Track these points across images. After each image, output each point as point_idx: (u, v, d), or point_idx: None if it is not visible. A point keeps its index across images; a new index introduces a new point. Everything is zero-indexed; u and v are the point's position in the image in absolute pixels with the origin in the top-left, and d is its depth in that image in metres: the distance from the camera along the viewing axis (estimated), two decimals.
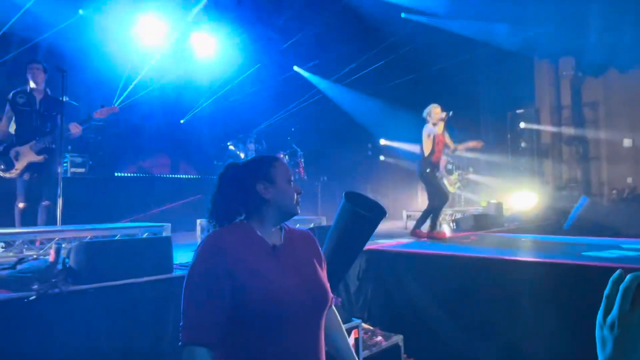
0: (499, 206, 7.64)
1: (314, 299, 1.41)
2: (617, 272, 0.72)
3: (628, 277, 0.70)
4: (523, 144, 10.56)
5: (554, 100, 10.17)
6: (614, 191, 9.38)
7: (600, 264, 3.42)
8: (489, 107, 11.30)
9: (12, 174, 4.43)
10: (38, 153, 4.47)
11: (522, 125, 10.62)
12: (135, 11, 8.64)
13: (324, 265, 1.55)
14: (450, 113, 5.61)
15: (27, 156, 4.46)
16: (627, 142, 9.51)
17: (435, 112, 5.62)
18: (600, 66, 9.32)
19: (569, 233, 6.76)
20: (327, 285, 1.47)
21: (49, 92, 4.72)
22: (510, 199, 9.54)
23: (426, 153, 5.57)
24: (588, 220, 6.96)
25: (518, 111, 10.68)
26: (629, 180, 9.37)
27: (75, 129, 4.63)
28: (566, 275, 3.37)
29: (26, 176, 4.47)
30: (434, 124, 5.58)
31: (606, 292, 0.72)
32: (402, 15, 10.78)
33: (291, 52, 10.78)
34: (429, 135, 5.57)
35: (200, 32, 9.21)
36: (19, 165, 4.43)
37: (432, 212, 5.62)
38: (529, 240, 5.50)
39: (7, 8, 7.96)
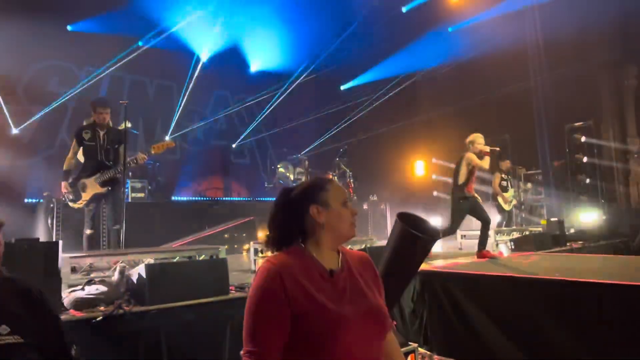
0: (560, 225, 7.24)
1: (373, 324, 1.39)
2: None
3: None
4: (585, 159, 10.03)
5: (617, 111, 9.62)
6: None
7: None
8: (544, 120, 10.85)
9: (80, 204, 4.84)
10: (102, 185, 4.83)
11: (583, 139, 10.09)
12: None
13: (382, 289, 1.52)
14: (498, 149, 5.52)
15: (93, 188, 4.83)
16: None
17: (478, 143, 5.47)
18: None
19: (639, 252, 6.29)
20: (386, 309, 1.44)
21: (110, 123, 5.08)
22: (572, 217, 9.02)
23: (460, 181, 5.43)
24: None
25: (577, 124, 10.19)
26: None
27: (143, 158, 4.98)
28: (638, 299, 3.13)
29: (92, 206, 4.86)
30: (478, 156, 5.41)
31: None
32: (450, 29, 10.72)
33: (339, 71, 10.95)
34: (468, 165, 5.42)
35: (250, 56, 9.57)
36: (85, 196, 4.82)
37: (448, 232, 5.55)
38: (596, 260, 5.16)
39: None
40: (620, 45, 8.70)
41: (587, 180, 9.89)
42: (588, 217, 8.80)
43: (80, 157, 5.08)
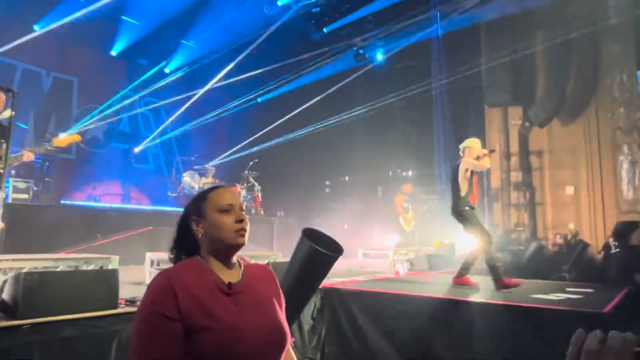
0: (451, 247, 7.81)
1: (273, 340, 1.36)
2: (577, 332, 0.69)
3: (588, 337, 0.67)
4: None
5: (503, 146, 10.69)
6: (558, 235, 9.84)
7: (547, 306, 3.56)
8: (442, 150, 11.75)
9: None
10: None
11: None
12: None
13: (283, 304, 1.51)
14: (494, 151, 4.87)
15: None
16: (569, 190, 10.07)
17: (475, 149, 5.09)
18: (546, 118, 9.93)
19: (517, 276, 6.95)
20: (286, 325, 1.42)
21: None
22: (461, 240, 9.77)
23: (462, 192, 5.05)
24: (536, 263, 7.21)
25: None
26: (571, 225, 9.87)
27: (28, 156, 4.37)
28: (516, 317, 3.47)
29: None
30: (475, 160, 5.03)
31: (569, 352, 0.68)
32: (360, 51, 11.17)
33: (252, 83, 10.85)
34: (466, 172, 5.01)
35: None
36: None
37: (488, 257, 4.98)
38: (480, 281, 5.61)
39: None
40: (508, 88, 9.73)
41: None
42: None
43: None
